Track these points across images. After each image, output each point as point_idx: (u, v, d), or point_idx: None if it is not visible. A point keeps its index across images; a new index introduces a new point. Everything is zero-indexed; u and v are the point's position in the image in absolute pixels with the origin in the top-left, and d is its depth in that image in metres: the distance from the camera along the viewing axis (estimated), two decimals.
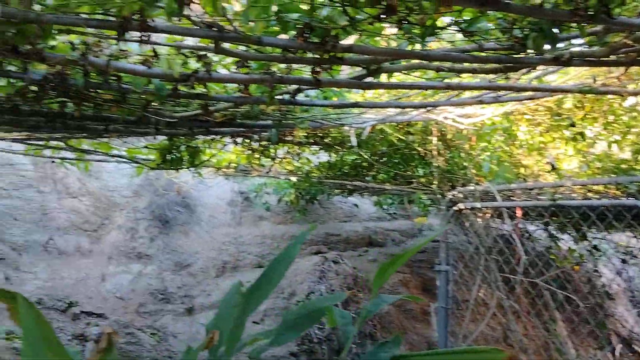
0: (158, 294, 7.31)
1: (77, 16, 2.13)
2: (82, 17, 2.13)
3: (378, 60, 2.77)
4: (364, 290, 8.01)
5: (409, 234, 9.49)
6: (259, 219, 9.00)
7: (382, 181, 5.78)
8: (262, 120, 3.74)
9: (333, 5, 2.23)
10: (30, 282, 6.82)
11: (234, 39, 2.32)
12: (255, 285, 3.50)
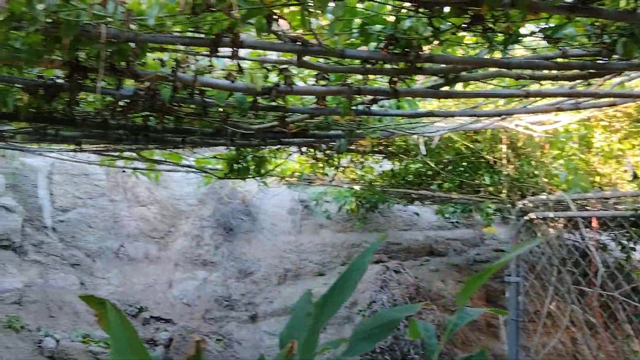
0: (223, 301, 7.47)
1: (171, 35, 2.22)
2: (176, 36, 2.22)
3: (457, 69, 2.75)
4: (426, 301, 7.90)
5: (471, 243, 9.30)
6: (319, 227, 9.05)
7: (448, 190, 5.69)
8: (332, 131, 3.77)
9: (417, 17, 2.23)
10: (103, 287, 7.12)
11: (317, 52, 2.36)
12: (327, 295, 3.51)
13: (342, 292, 3.62)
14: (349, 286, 3.65)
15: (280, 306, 7.45)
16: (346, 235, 8.95)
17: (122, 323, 2.95)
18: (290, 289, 7.71)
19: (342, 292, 3.63)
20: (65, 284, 7.16)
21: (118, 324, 2.91)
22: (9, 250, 7.24)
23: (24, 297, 6.73)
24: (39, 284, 7.03)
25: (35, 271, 7.22)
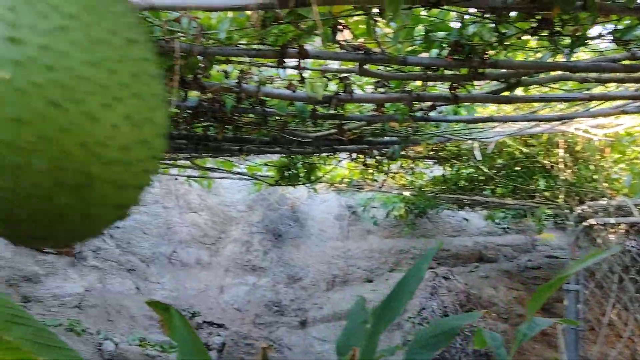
0: (272, 306, 7.54)
1: (237, 47, 2.28)
2: (243, 48, 2.27)
3: (519, 73, 2.71)
4: (477, 309, 7.76)
5: (522, 249, 9.08)
6: (366, 233, 9.03)
7: (501, 195, 5.58)
8: (387, 137, 3.77)
9: (483, 22, 2.22)
10: (157, 292, 7.31)
11: (380, 60, 2.37)
12: (385, 303, 3.50)
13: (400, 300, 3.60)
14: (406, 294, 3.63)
15: (329, 312, 7.46)
16: (394, 241, 8.89)
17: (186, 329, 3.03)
18: (338, 295, 7.71)
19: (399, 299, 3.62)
20: (122, 289, 7.39)
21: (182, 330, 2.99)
22: (70, 257, 7.53)
23: (83, 302, 6.99)
24: (98, 288, 7.28)
25: (94, 276, 7.49)
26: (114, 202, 0.64)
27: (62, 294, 6.92)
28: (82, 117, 0.57)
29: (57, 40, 0.57)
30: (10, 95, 0.53)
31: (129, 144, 0.62)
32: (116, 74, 0.61)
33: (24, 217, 0.58)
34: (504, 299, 7.75)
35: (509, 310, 7.67)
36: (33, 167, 0.55)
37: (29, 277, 6.97)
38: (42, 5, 0.58)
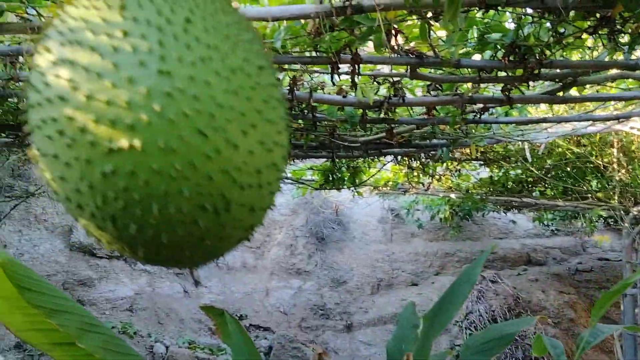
0: (318, 310, 7.56)
1: (291, 55, 2.31)
2: (296, 56, 2.30)
3: (576, 73, 2.64)
4: (526, 313, 7.58)
5: (572, 252, 8.82)
6: (410, 236, 8.95)
7: (551, 197, 5.44)
8: (436, 140, 3.73)
9: (540, 23, 2.18)
10: (205, 295, 7.43)
11: (433, 63, 2.35)
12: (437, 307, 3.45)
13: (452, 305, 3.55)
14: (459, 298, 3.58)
15: (375, 316, 7.43)
16: (439, 244, 8.78)
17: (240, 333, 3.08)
18: (383, 299, 7.67)
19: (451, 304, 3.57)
20: (171, 292, 7.56)
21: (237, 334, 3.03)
22: (121, 261, 7.75)
23: (135, 305, 7.18)
24: (148, 292, 7.46)
25: (145, 280, 7.68)
26: (245, 224, 0.67)
27: (115, 298, 7.13)
28: (224, 145, 0.60)
29: (201, 71, 0.60)
30: (161, 125, 0.57)
31: (261, 168, 0.65)
32: (252, 101, 0.64)
33: (166, 241, 0.61)
34: (554, 303, 7.55)
35: (560, 314, 7.46)
36: (180, 193, 0.58)
37: (84, 281, 7.21)
38: (186, 38, 0.62)
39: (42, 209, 7.86)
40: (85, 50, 0.60)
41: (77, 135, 0.58)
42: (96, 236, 0.66)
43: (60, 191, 0.64)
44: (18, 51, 2.15)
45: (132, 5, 0.63)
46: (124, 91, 0.57)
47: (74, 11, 0.65)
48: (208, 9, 0.67)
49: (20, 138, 4.09)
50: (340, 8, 1.76)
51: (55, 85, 0.61)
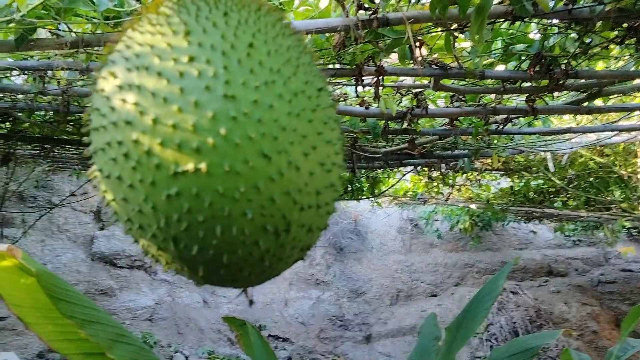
0: (336, 320, 7.52)
1: None
2: (320, 68, 2.30)
3: (601, 83, 2.62)
4: (548, 325, 7.46)
5: (594, 263, 8.67)
6: (429, 247, 8.88)
7: (574, 207, 5.37)
8: (457, 150, 3.71)
9: (566, 33, 2.16)
10: (224, 305, 7.44)
11: (457, 75, 2.34)
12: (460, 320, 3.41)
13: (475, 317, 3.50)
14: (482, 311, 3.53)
15: (394, 327, 7.37)
16: (458, 255, 8.70)
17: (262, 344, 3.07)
18: (403, 310, 7.60)
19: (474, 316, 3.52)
20: (191, 302, 7.58)
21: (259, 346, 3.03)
22: (141, 270, 7.81)
23: (155, 314, 7.21)
24: (168, 301, 7.50)
25: (164, 290, 7.72)
26: (303, 244, 0.68)
27: (135, 307, 7.18)
28: (287, 167, 0.61)
29: (265, 94, 0.61)
30: (227, 149, 0.58)
31: (321, 189, 0.66)
32: (313, 123, 0.65)
33: (226, 262, 0.62)
34: (577, 315, 7.42)
35: (583, 326, 7.33)
36: (244, 215, 0.59)
37: (105, 291, 7.28)
38: (250, 62, 0.63)
39: (65, 219, 7.96)
40: (152, 76, 0.62)
41: (143, 158, 0.60)
42: (155, 256, 0.67)
43: (122, 212, 0.65)
44: (47, 66, 2.19)
45: (197, 30, 0.64)
46: (190, 115, 0.58)
47: (139, 37, 0.67)
48: (270, 33, 0.69)
49: (46, 150, 4.16)
50: (367, 21, 1.77)
51: (121, 109, 0.62)
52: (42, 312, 1.55)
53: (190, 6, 0.70)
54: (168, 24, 0.67)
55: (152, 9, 0.73)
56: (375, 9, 1.76)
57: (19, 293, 1.52)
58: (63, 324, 1.56)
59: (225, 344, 7.03)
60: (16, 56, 2.33)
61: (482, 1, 1.61)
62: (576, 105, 2.80)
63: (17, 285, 1.53)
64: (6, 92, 2.63)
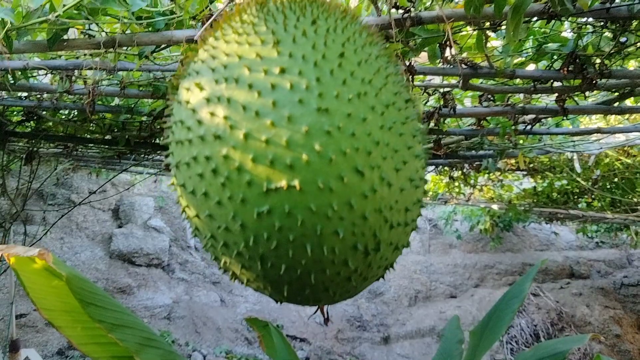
0: (354, 321, 7.48)
1: None
2: None
3: (634, 83, 2.55)
4: (570, 328, 7.36)
5: (617, 265, 8.51)
6: (448, 247, 8.80)
7: (599, 209, 5.27)
8: (483, 150, 3.66)
9: (601, 32, 2.10)
10: (241, 304, 7.44)
11: (487, 74, 2.29)
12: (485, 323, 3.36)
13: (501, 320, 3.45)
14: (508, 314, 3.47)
15: (412, 328, 7.31)
16: (478, 255, 8.60)
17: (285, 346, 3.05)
18: (421, 311, 7.54)
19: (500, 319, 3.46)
20: (208, 301, 7.59)
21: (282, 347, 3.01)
22: (159, 269, 7.84)
23: (172, 313, 7.24)
24: (185, 300, 7.52)
25: (182, 288, 7.75)
26: (387, 263, 0.65)
27: (153, 306, 7.21)
28: (379, 183, 0.58)
29: (358, 107, 0.58)
30: (321, 165, 0.55)
31: (409, 206, 0.63)
32: (404, 137, 0.62)
33: (313, 282, 0.59)
34: (599, 318, 7.30)
35: (605, 330, 7.21)
36: (336, 234, 0.56)
37: (123, 289, 7.32)
38: (342, 73, 0.60)
39: (84, 216, 8.03)
40: (243, 88, 0.59)
41: (233, 175, 0.57)
42: (237, 273, 0.65)
43: (205, 229, 0.63)
44: (76, 65, 2.19)
45: (287, 40, 0.61)
46: (283, 130, 0.56)
47: (225, 46, 0.64)
48: (358, 42, 0.66)
49: (69, 148, 4.19)
50: (400, 20, 1.73)
51: (209, 123, 0.60)
52: (72, 316, 1.54)
53: (276, 14, 0.67)
54: (255, 33, 0.64)
55: (236, 17, 0.70)
56: (408, 8, 1.72)
57: (49, 296, 1.52)
58: (92, 327, 1.55)
59: (243, 344, 7.03)
60: (44, 55, 2.33)
61: (519, 0, 1.57)
62: (607, 106, 2.74)
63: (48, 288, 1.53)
64: (33, 91, 2.64)
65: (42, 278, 1.52)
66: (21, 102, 2.81)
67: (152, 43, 1.68)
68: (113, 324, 1.55)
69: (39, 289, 1.51)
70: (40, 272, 1.51)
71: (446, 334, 3.63)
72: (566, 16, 1.79)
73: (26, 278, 1.49)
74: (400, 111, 0.64)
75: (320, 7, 0.69)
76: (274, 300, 0.66)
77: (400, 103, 0.65)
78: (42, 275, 1.52)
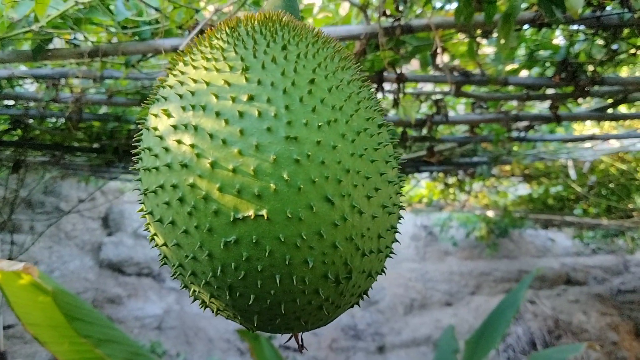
0: (349, 330, 7.43)
1: None
2: None
3: (627, 90, 2.54)
4: (566, 336, 7.32)
5: (613, 271, 8.49)
6: (444, 254, 8.77)
7: (594, 215, 5.26)
8: (476, 157, 3.64)
9: (592, 40, 2.09)
10: None
11: (479, 81, 2.28)
12: (480, 332, 3.33)
13: (496, 330, 3.43)
14: (503, 323, 3.46)
15: (408, 337, 7.26)
16: (474, 263, 8.56)
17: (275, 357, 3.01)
18: (417, 320, 7.49)
19: (495, 329, 3.44)
20: (199, 311, 7.53)
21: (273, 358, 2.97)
22: (150, 278, 7.76)
23: (163, 323, 7.17)
24: (176, 310, 7.45)
25: (173, 298, 7.67)
26: (360, 291, 0.64)
27: (143, 316, 7.13)
28: (350, 211, 0.57)
29: (328, 135, 0.58)
30: (289, 194, 0.54)
31: (382, 233, 0.62)
32: (376, 163, 0.61)
33: (284, 312, 0.58)
34: (596, 325, 7.26)
35: (602, 337, 7.18)
36: (305, 263, 0.55)
37: (113, 299, 7.25)
38: (311, 100, 0.59)
39: (73, 225, 7.96)
40: (210, 116, 0.58)
41: (200, 204, 0.56)
42: (207, 303, 0.64)
43: (174, 258, 0.62)
44: (61, 74, 2.15)
45: (256, 66, 0.61)
46: (251, 159, 0.55)
47: (194, 72, 0.64)
48: (329, 68, 0.65)
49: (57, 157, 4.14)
50: (390, 28, 1.71)
51: (176, 151, 0.59)
52: (58, 331, 1.51)
53: (246, 39, 0.66)
54: (224, 59, 0.63)
55: (205, 41, 0.69)
56: (398, 16, 1.70)
57: (35, 312, 1.49)
58: (79, 342, 1.52)
59: (235, 354, 6.96)
60: (30, 64, 2.30)
61: (509, 8, 1.55)
62: (601, 112, 2.72)
63: (33, 303, 1.50)
64: (19, 99, 2.61)
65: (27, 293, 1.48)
66: (7, 110, 2.77)
67: (138, 52, 1.65)
68: (100, 339, 1.51)
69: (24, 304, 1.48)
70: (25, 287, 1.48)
71: (441, 344, 3.59)
72: (558, 24, 1.78)
73: (11, 293, 1.46)
74: (372, 137, 0.63)
75: (292, 32, 0.68)
76: (246, 328, 0.64)
77: (373, 129, 0.64)
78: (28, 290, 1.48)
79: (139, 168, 0.66)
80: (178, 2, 1.48)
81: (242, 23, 0.70)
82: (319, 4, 2.02)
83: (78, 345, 1.54)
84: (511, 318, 3.20)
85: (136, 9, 1.55)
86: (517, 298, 3.34)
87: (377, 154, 0.62)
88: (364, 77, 0.73)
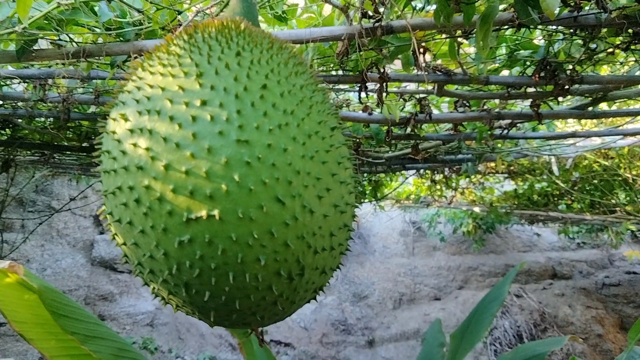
0: (339, 325, 7.48)
1: (318, 75, 2.29)
2: (324, 75, 2.28)
3: (607, 88, 2.60)
4: (552, 329, 7.42)
5: (598, 265, 8.62)
6: (432, 250, 8.84)
7: (578, 210, 5.34)
8: (461, 155, 3.69)
9: (571, 39, 2.14)
10: None
11: (461, 81, 2.32)
12: (464, 326, 3.38)
13: (481, 323, 3.48)
14: (488, 317, 3.51)
15: (397, 331, 7.32)
16: (461, 257, 8.64)
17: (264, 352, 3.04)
18: (406, 314, 7.56)
19: (480, 323, 3.49)
20: None
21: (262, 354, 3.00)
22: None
23: (155, 319, 7.18)
24: (169, 306, 7.46)
25: None
26: (316, 286, 0.66)
27: (135, 312, 7.15)
28: (301, 211, 0.59)
29: (279, 138, 0.60)
30: (240, 195, 0.56)
31: (335, 231, 0.64)
32: (327, 165, 0.63)
33: (239, 307, 0.61)
34: (582, 319, 7.38)
35: (587, 330, 7.29)
36: (257, 261, 0.57)
37: (105, 296, 7.25)
38: (263, 105, 0.61)
39: (64, 223, 7.94)
40: (164, 120, 0.61)
41: (155, 205, 0.59)
42: (166, 299, 0.66)
43: (133, 256, 0.65)
44: (48, 74, 2.17)
45: (210, 72, 0.63)
46: (203, 161, 0.57)
47: (150, 78, 0.65)
48: (283, 73, 0.67)
49: (46, 156, 4.14)
50: (371, 29, 1.74)
51: (132, 154, 0.61)
52: (45, 328, 1.53)
53: (202, 45, 0.68)
54: (180, 65, 0.65)
55: (163, 48, 0.71)
56: (379, 17, 1.74)
57: (21, 309, 1.51)
58: (65, 339, 1.54)
59: (227, 349, 7.00)
60: (17, 65, 2.31)
61: (488, 9, 1.59)
62: (581, 110, 2.78)
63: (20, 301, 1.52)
64: (7, 99, 2.61)
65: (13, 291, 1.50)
66: None
67: (123, 53, 1.67)
68: (86, 336, 1.53)
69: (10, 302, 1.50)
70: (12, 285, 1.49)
71: (428, 338, 3.64)
72: (534, 25, 1.82)
73: None
74: (324, 140, 0.65)
75: (247, 38, 0.71)
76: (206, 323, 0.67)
77: (325, 132, 0.66)
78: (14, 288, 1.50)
79: (99, 170, 0.68)
80: (160, 3, 1.51)
81: (200, 30, 0.71)
82: (302, 5, 2.05)
83: (65, 342, 1.56)
84: (496, 311, 3.25)
85: (119, 10, 1.57)
86: (501, 292, 3.39)
87: (329, 155, 0.65)
88: (318, 82, 0.75)
